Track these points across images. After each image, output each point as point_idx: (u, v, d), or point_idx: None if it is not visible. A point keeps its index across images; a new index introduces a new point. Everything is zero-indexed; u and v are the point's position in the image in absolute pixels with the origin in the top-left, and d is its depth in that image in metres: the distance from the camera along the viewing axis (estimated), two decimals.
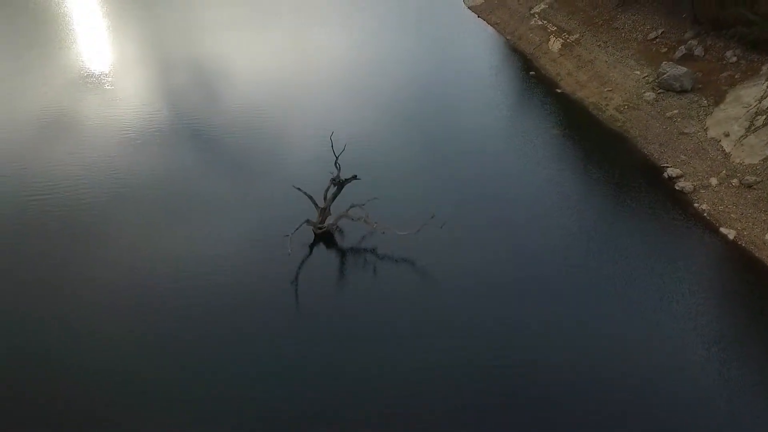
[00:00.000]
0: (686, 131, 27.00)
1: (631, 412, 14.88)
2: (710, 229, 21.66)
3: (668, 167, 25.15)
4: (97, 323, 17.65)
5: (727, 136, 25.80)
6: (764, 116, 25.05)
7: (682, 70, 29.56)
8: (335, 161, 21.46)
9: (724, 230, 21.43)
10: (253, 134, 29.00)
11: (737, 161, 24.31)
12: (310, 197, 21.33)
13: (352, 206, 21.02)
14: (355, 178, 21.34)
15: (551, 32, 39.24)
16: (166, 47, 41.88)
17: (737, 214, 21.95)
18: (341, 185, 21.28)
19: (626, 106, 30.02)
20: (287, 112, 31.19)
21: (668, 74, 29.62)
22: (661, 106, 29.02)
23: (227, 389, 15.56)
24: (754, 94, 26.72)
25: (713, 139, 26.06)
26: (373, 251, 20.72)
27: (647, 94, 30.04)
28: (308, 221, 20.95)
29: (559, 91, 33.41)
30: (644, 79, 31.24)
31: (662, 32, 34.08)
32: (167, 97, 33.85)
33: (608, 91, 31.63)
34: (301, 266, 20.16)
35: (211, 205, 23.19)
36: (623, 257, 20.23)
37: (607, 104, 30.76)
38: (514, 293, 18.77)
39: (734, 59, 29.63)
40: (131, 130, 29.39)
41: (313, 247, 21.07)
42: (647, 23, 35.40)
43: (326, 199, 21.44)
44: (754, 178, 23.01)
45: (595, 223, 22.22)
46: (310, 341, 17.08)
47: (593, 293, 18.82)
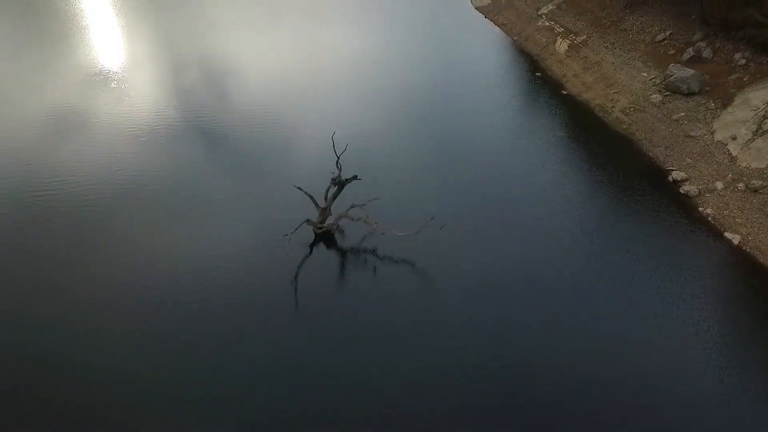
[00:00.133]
0: (692, 134, 26.70)
1: (631, 414, 14.78)
2: (714, 233, 21.40)
3: (673, 170, 24.89)
4: (96, 322, 17.71)
5: (734, 139, 25.47)
6: None
7: (689, 72, 29.24)
8: (336, 161, 21.45)
9: (728, 235, 21.16)
10: (257, 133, 29.07)
11: (744, 165, 23.99)
12: (310, 197, 21.33)
13: (352, 206, 20.98)
14: (355, 178, 21.31)
15: (558, 33, 38.99)
16: (173, 46, 42.09)
17: (742, 218, 21.67)
18: (342, 185, 21.26)
19: (632, 108, 29.75)
20: (292, 111, 31.22)
21: (675, 76, 29.31)
22: (667, 108, 28.72)
23: (227, 389, 15.55)
24: (762, 96, 26.36)
25: (720, 142, 25.75)
26: (373, 251, 20.66)
27: (654, 96, 29.74)
28: (308, 221, 20.94)
29: (564, 92, 33.18)
30: (651, 81, 30.94)
31: (670, 34, 33.74)
32: (173, 95, 33.99)
33: (614, 93, 31.36)
34: (300, 266, 20.14)
35: (212, 204, 23.24)
36: (625, 260, 20.04)
37: (613, 106, 30.50)
38: (513, 294, 18.65)
39: (743, 61, 29.27)
40: (136, 127, 29.57)
41: (313, 246, 21.06)
42: (656, 25, 35.06)
43: (327, 198, 21.43)
44: (760, 182, 22.70)
45: (597, 225, 22.04)
46: (309, 341, 17.05)
47: (594, 295, 18.65)
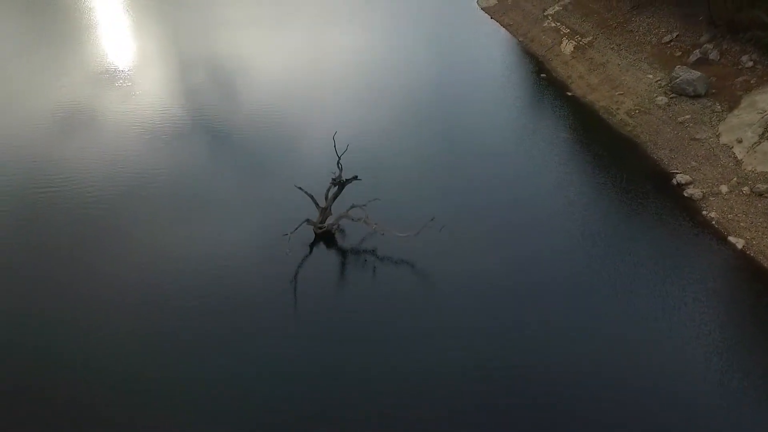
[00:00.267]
0: (698, 137, 26.45)
1: (631, 416, 14.67)
2: (718, 237, 21.18)
3: (677, 173, 24.66)
4: (96, 320, 17.69)
5: (740, 142, 25.22)
6: None
7: (695, 74, 28.97)
8: (337, 161, 21.41)
9: (732, 239, 20.93)
10: (260, 132, 29.03)
11: (749, 169, 23.74)
12: (311, 196, 21.29)
13: (352, 206, 20.92)
14: (355, 178, 21.25)
15: (564, 34, 38.76)
16: (179, 45, 42.19)
17: (747, 222, 21.43)
18: (342, 185, 21.21)
19: (637, 110, 29.52)
20: (296, 110, 31.16)
21: (681, 78, 29.06)
22: (673, 110, 28.47)
23: (227, 389, 15.48)
24: None
25: (725, 145, 25.49)
26: (372, 252, 20.59)
27: (659, 98, 29.50)
28: (308, 221, 20.90)
29: (569, 94, 32.97)
30: (657, 83, 30.68)
31: (677, 35, 33.46)
32: (178, 94, 34.05)
33: (619, 94, 31.12)
34: (300, 265, 20.09)
35: (214, 203, 23.19)
36: (627, 263, 19.87)
37: (617, 108, 30.28)
38: (513, 296, 18.52)
39: (750, 64, 28.97)
40: (141, 126, 29.58)
41: (313, 246, 21.02)
42: (662, 26, 34.78)
43: (327, 199, 21.39)
44: (765, 186, 22.44)
45: (599, 228, 21.86)
46: (309, 341, 16.99)
47: (594, 297, 18.50)
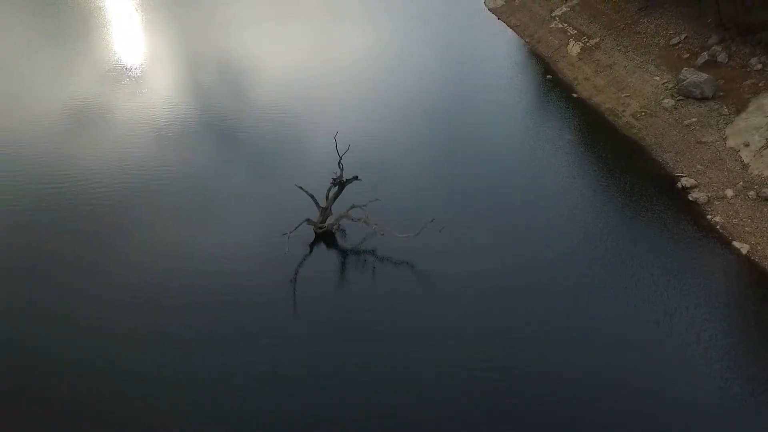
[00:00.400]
0: (704, 140, 26.15)
1: (632, 419, 14.58)
2: (722, 242, 20.93)
3: (683, 176, 24.39)
4: (96, 318, 17.72)
5: (746, 146, 24.90)
6: None
7: (703, 76, 28.66)
8: (339, 161, 21.38)
9: (737, 244, 20.67)
10: (264, 132, 29.10)
11: (756, 173, 23.43)
12: (311, 196, 21.28)
13: (353, 207, 20.88)
14: (356, 178, 21.21)
15: (571, 36, 38.50)
16: (187, 44, 42.41)
17: (752, 227, 21.15)
18: (342, 185, 21.17)
19: (643, 112, 29.24)
20: (301, 110, 31.18)
21: (688, 81, 28.75)
22: (679, 113, 28.18)
23: (227, 388, 15.48)
24: None
25: (732, 149, 25.18)
26: (372, 252, 20.54)
27: (666, 100, 29.21)
28: (308, 220, 20.88)
29: (575, 95, 32.74)
30: (663, 85, 30.38)
31: (685, 37, 33.12)
32: (184, 93, 34.22)
33: (626, 96, 30.85)
34: (300, 265, 20.08)
35: (216, 201, 23.24)
36: (628, 267, 19.68)
37: (623, 110, 30.01)
38: (513, 298, 18.40)
39: (759, 66, 28.61)
40: (146, 124, 29.78)
41: (313, 246, 21.00)
42: (671, 28, 34.43)
43: (328, 198, 21.36)
44: None
45: (601, 230, 21.66)
46: (308, 341, 17.00)
47: (595, 301, 18.32)
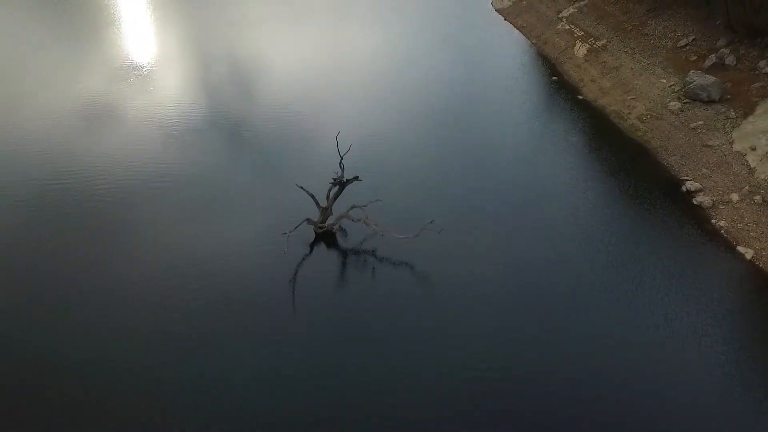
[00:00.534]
0: (710, 143, 25.86)
1: (632, 422, 14.50)
2: (726, 247, 20.68)
3: (687, 180, 24.15)
4: (95, 317, 17.73)
5: (753, 150, 24.59)
6: None
7: (710, 79, 28.35)
8: (340, 161, 21.33)
9: (741, 249, 20.41)
10: (270, 131, 29.09)
11: (762, 177, 23.13)
12: (312, 196, 21.25)
13: (353, 207, 20.82)
14: (356, 179, 21.15)
15: (578, 37, 38.25)
16: (192, 43, 42.57)
17: (757, 232, 20.88)
18: (343, 185, 21.12)
19: (649, 115, 28.97)
20: (305, 109, 31.15)
21: (695, 83, 28.45)
22: (685, 116, 27.90)
23: (227, 388, 15.46)
24: None
25: (738, 152, 24.89)
26: (372, 253, 20.48)
27: (672, 103, 28.92)
28: (308, 220, 20.85)
29: (580, 97, 32.52)
30: (670, 87, 30.09)
31: (693, 39, 32.80)
32: (190, 91, 34.37)
33: (631, 99, 30.59)
34: (300, 265, 20.05)
35: (219, 201, 23.24)
36: (630, 270, 19.48)
37: (629, 113, 29.76)
38: (513, 300, 18.30)
39: (767, 69, 28.27)
40: (151, 122, 29.89)
41: (313, 246, 20.97)
42: (679, 30, 34.12)
43: (328, 198, 21.32)
44: None
45: (603, 234, 21.46)
46: (307, 340, 16.98)
47: (595, 305, 18.15)
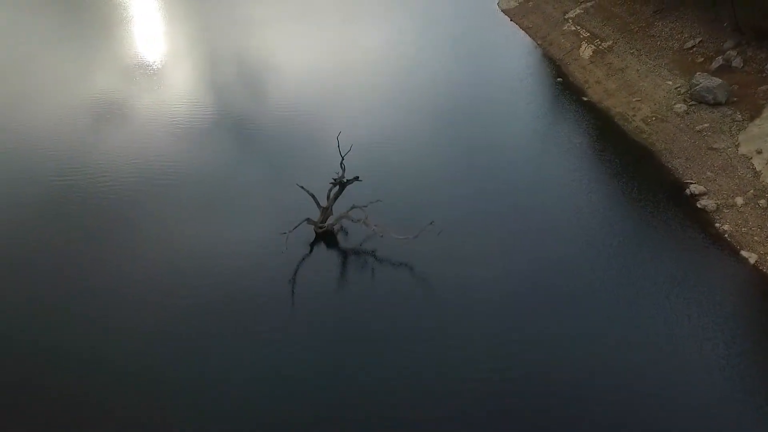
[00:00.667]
0: (715, 146, 25.61)
1: (632, 423, 14.43)
2: (730, 251, 20.46)
3: (692, 183, 23.91)
4: (96, 316, 17.82)
5: (759, 153, 24.33)
6: None
7: (716, 81, 28.07)
8: (341, 161, 21.31)
9: (744, 253, 20.19)
10: (275, 131, 29.06)
11: None
12: (312, 196, 21.24)
13: (353, 207, 20.80)
14: (356, 179, 21.12)
15: (584, 38, 38.01)
16: (200, 42, 42.69)
17: (761, 237, 20.64)
18: (343, 186, 21.09)
19: (654, 117, 28.72)
20: (310, 109, 31.08)
21: (701, 86, 28.18)
22: (691, 118, 27.63)
23: (227, 388, 15.47)
24: None
25: (744, 156, 24.62)
26: (372, 253, 20.45)
27: (678, 105, 28.67)
28: (308, 220, 20.85)
29: (585, 99, 32.28)
30: (676, 89, 29.82)
31: (700, 41, 32.49)
32: (195, 91, 34.52)
33: (637, 101, 30.35)
34: (300, 265, 20.08)
35: (221, 200, 23.29)
36: (632, 274, 19.33)
37: (634, 115, 29.52)
38: (512, 302, 18.22)
39: None
40: (157, 120, 30.04)
41: (313, 246, 20.97)
42: (685, 31, 33.81)
43: (329, 198, 21.30)
44: None
45: (606, 237, 21.28)
46: (307, 340, 16.99)
47: (595, 307, 18.04)
